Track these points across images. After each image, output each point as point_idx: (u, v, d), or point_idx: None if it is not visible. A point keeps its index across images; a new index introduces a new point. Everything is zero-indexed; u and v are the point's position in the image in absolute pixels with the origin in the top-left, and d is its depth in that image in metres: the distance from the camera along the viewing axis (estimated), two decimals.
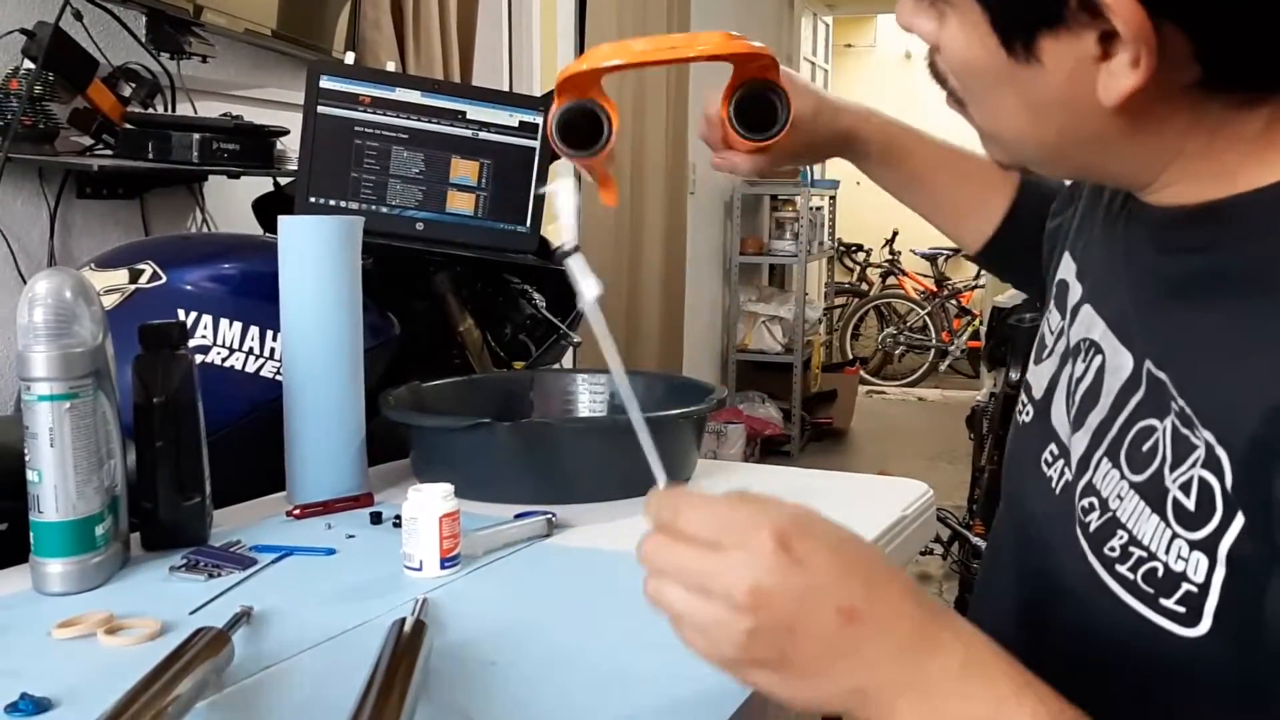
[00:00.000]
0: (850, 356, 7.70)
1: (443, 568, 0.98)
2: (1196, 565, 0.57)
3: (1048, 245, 0.94)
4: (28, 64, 1.69)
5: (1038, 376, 0.79)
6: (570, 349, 1.89)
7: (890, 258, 7.92)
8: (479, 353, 1.71)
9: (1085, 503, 0.65)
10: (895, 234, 7.82)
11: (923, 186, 1.08)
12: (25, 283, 1.77)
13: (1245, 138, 0.59)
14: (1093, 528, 0.64)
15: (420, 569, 0.98)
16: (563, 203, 0.64)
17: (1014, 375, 2.97)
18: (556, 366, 1.92)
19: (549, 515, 1.11)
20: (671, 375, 1.64)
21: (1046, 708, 0.53)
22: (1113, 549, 0.62)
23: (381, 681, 0.70)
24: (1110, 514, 0.63)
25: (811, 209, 5.96)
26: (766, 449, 5.10)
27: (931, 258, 7.74)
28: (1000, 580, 0.79)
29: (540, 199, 1.59)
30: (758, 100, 0.91)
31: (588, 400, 1.49)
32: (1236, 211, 0.60)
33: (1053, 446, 0.73)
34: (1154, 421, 0.61)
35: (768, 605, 0.53)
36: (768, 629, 0.53)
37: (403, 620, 0.79)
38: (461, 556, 1.00)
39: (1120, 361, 0.66)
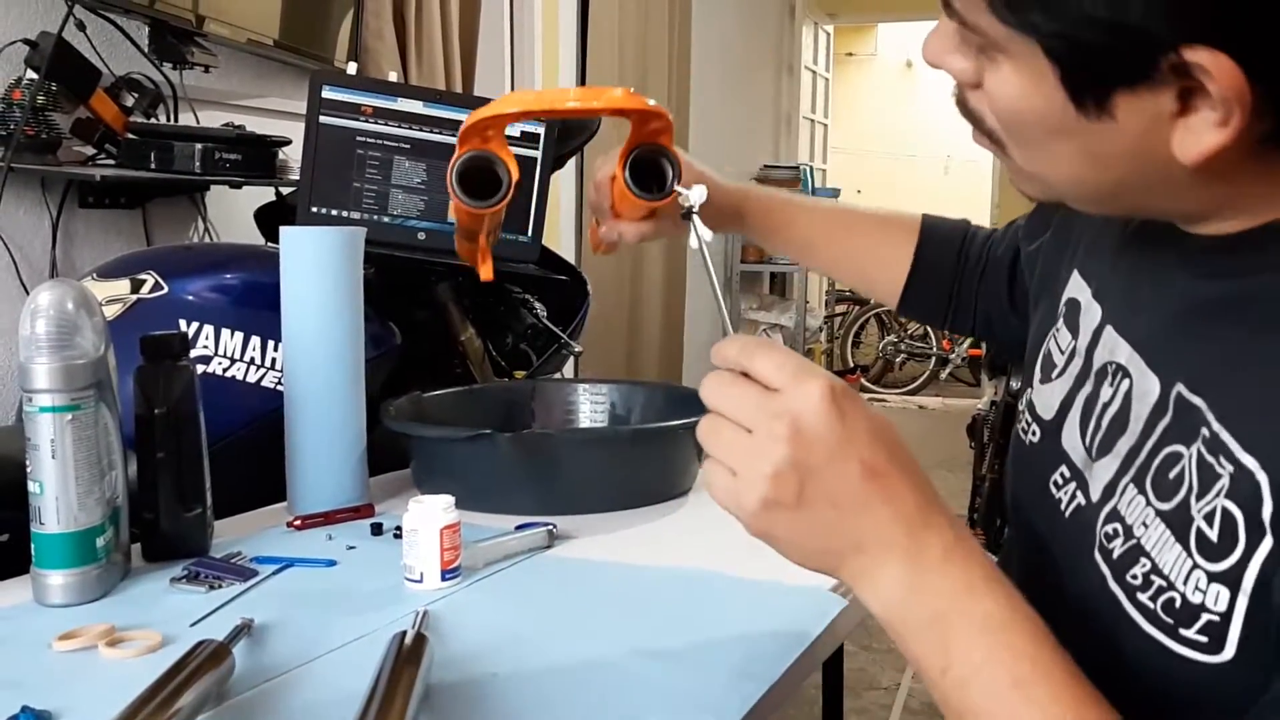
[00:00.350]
0: (851, 364, 7.70)
1: (443, 580, 0.98)
2: (1216, 597, 0.56)
3: (1027, 269, 0.93)
4: (30, 74, 1.70)
5: (1045, 396, 0.77)
6: (571, 358, 1.89)
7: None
8: (480, 362, 1.72)
9: (1109, 529, 0.64)
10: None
11: (814, 252, 1.11)
12: (27, 292, 1.77)
13: None
14: (1116, 554, 0.63)
15: (421, 581, 0.97)
16: (695, 195, 0.86)
17: (1015, 384, 2.97)
18: (557, 376, 1.92)
19: (550, 526, 1.11)
20: (672, 385, 1.64)
21: (1010, 601, 0.59)
22: (1135, 576, 0.61)
23: (383, 694, 0.70)
24: (1134, 541, 0.62)
25: None
26: None
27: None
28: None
29: (542, 208, 1.59)
30: (651, 162, 0.96)
31: (589, 410, 1.49)
32: None
33: (1064, 469, 0.71)
34: (1180, 448, 0.60)
35: (804, 443, 0.58)
36: (797, 464, 0.58)
37: (404, 633, 0.79)
38: (462, 568, 1.00)
39: (1147, 386, 0.65)
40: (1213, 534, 0.56)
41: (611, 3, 3.97)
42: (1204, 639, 0.57)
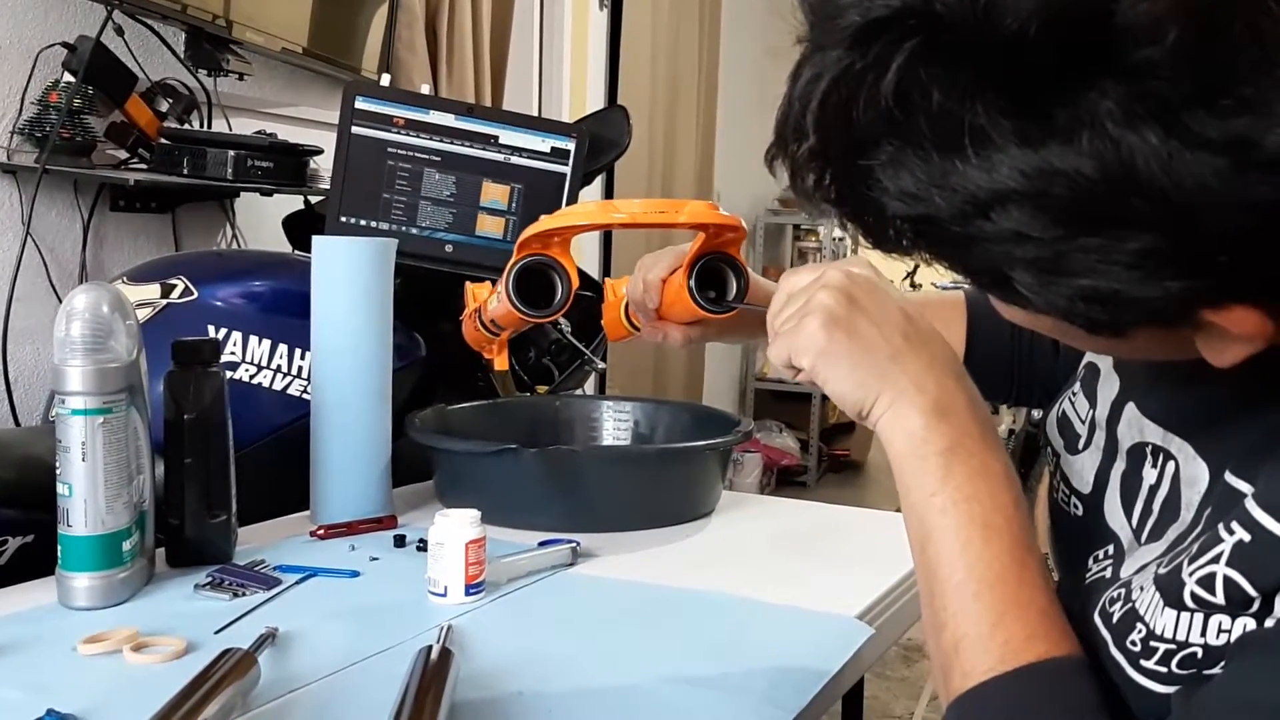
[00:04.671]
0: None
1: (467, 594, 0.97)
2: (1243, 628, 0.54)
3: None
4: (68, 77, 1.71)
5: (1077, 469, 0.75)
6: (593, 374, 1.89)
7: (911, 289, 7.92)
8: (503, 375, 1.71)
9: (1115, 593, 0.63)
10: (916, 266, 7.80)
11: None
12: (57, 294, 1.79)
13: None
14: (1115, 618, 0.61)
15: (445, 595, 0.97)
16: None
17: (1036, 413, 2.96)
18: (579, 392, 1.92)
19: (573, 544, 1.11)
20: (697, 405, 1.64)
21: (1008, 466, 0.66)
22: (1134, 644, 0.59)
23: (411, 709, 0.69)
24: (1130, 605, 0.60)
25: (835, 239, 5.96)
26: (783, 479, 5.08)
27: (966, 289, 7.70)
28: None
29: None
30: (716, 273, 0.95)
31: (612, 428, 1.48)
32: None
33: (1110, 547, 0.69)
34: (1214, 530, 0.56)
35: (854, 282, 0.69)
36: (849, 294, 0.68)
37: (429, 647, 0.79)
38: (486, 583, 0.99)
39: (1195, 472, 0.63)
40: (1216, 598, 0.54)
41: (642, 20, 3.99)
42: None
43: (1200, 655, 0.56)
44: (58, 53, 1.73)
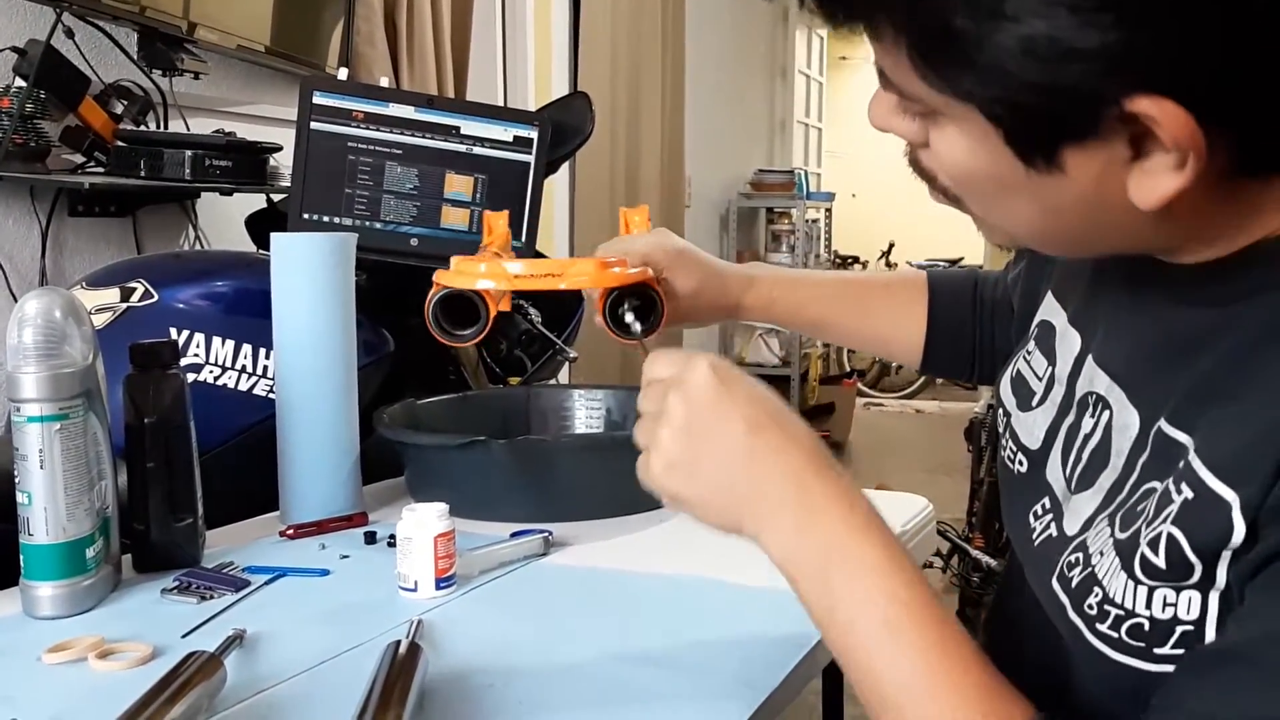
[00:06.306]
0: (848, 369, 7.68)
1: (438, 588, 0.96)
2: (1189, 604, 0.54)
3: (1014, 291, 0.92)
4: (19, 82, 1.69)
5: (1027, 425, 0.75)
6: (566, 364, 1.88)
7: (887, 268, 7.94)
8: (474, 369, 1.71)
9: (1071, 558, 0.63)
10: (891, 246, 7.82)
11: (827, 329, 1.10)
12: (16, 302, 1.76)
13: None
14: (1074, 583, 0.62)
15: (415, 590, 0.96)
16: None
17: None
18: (552, 382, 1.91)
19: (545, 534, 1.10)
20: None
21: (888, 548, 0.62)
22: (1091, 608, 0.59)
23: (376, 706, 0.69)
24: (1090, 570, 0.60)
25: (808, 221, 5.97)
26: None
27: (928, 269, 7.73)
28: (1013, 605, 0.77)
29: (536, 213, 1.58)
30: (635, 298, 0.96)
31: (584, 416, 1.48)
32: (1262, 258, 0.57)
33: (1045, 501, 0.70)
34: (1156, 483, 0.57)
35: (692, 407, 0.66)
36: (688, 426, 0.65)
37: (397, 643, 0.78)
38: (457, 576, 0.99)
39: (1127, 420, 0.63)
40: (1158, 560, 0.54)
41: (604, 7, 3.97)
42: (1181, 650, 0.55)
43: (1147, 628, 0.56)
44: (7, 58, 1.70)
